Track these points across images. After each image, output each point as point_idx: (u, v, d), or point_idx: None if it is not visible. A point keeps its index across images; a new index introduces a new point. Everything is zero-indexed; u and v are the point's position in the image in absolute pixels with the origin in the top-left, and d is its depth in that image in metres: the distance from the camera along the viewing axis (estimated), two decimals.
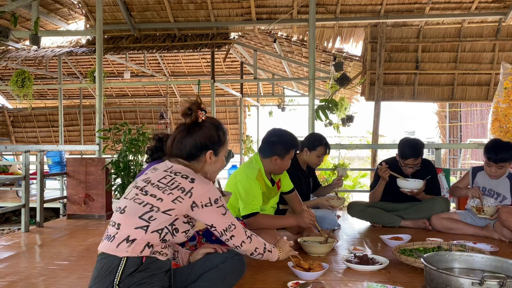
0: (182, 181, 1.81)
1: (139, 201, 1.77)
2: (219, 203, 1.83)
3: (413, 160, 3.78)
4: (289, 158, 2.98)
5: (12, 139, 15.26)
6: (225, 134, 1.97)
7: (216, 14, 7.18)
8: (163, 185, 1.79)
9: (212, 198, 1.81)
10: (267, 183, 3.00)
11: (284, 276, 2.43)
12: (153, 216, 1.74)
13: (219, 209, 1.83)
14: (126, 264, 1.66)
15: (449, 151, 11.00)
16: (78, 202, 4.77)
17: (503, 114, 5.66)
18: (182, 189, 1.78)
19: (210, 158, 1.91)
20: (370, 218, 4.00)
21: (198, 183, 1.81)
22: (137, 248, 1.69)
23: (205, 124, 1.91)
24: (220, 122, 1.99)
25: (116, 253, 1.68)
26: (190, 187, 1.79)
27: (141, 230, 1.71)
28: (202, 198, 1.79)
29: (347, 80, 6.12)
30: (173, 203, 1.76)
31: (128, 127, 4.55)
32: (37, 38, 5.71)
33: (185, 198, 1.77)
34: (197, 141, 1.88)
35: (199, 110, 1.90)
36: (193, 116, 1.90)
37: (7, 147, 6.73)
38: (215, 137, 1.92)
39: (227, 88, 11.69)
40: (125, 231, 1.71)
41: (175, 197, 1.77)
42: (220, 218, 1.84)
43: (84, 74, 12.17)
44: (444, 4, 6.80)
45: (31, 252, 3.47)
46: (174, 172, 1.84)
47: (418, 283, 2.31)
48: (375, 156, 7.32)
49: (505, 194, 3.51)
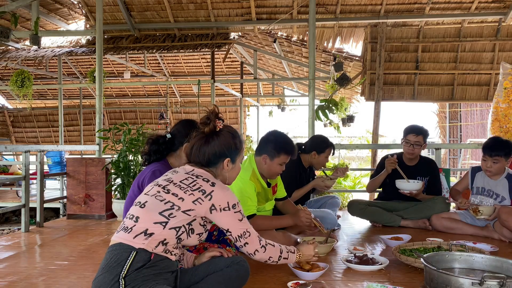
0: (203, 183, 1.88)
1: (161, 198, 1.83)
2: (237, 208, 1.90)
3: (413, 135, 3.86)
4: (278, 161, 2.90)
5: (12, 139, 15.27)
6: (241, 142, 2.07)
7: (216, 14, 7.19)
8: (185, 186, 1.86)
9: (231, 203, 1.88)
10: (263, 184, 2.97)
11: (284, 276, 2.43)
12: (173, 214, 1.80)
13: (236, 214, 1.89)
14: (134, 259, 1.69)
15: (449, 151, 11.00)
16: (78, 202, 4.77)
17: (503, 114, 5.66)
18: (203, 191, 1.85)
19: (228, 165, 2.01)
20: (370, 217, 4.01)
21: (218, 187, 1.88)
22: (153, 243, 1.73)
23: (222, 133, 2.00)
24: (236, 131, 2.08)
25: (132, 243, 1.72)
26: (211, 190, 1.86)
27: (160, 225, 1.76)
28: (221, 202, 1.86)
29: (347, 80, 6.12)
30: (194, 203, 1.83)
31: (128, 127, 4.56)
32: (37, 38, 5.71)
33: (205, 200, 1.84)
34: (216, 149, 1.97)
35: (217, 120, 1.99)
36: (211, 125, 1.98)
37: (7, 147, 6.73)
38: (232, 146, 2.00)
39: (227, 88, 11.69)
40: (144, 224, 1.77)
41: (196, 198, 1.83)
42: (236, 223, 1.89)
43: (84, 74, 12.17)
44: (444, 4, 6.80)
45: (31, 252, 3.47)
46: (196, 175, 1.91)
47: (418, 283, 2.31)
48: (375, 156, 7.33)
49: (504, 195, 3.51)
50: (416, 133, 3.86)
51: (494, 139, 3.59)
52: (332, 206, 3.93)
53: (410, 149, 3.89)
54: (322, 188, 3.72)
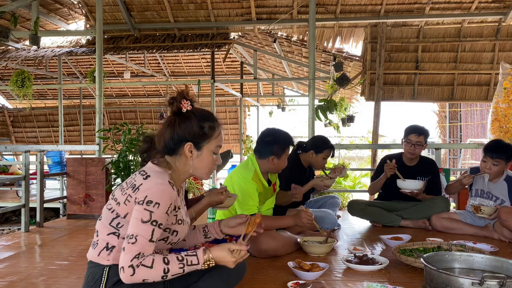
0: (138, 178, 1.65)
1: (109, 206, 1.69)
2: (150, 207, 1.56)
3: (415, 136, 3.85)
4: (285, 156, 2.99)
5: (12, 139, 15.27)
6: (212, 127, 1.74)
7: (216, 14, 7.19)
8: (125, 186, 1.68)
9: (148, 198, 1.57)
10: (264, 184, 3.00)
11: (284, 276, 2.43)
12: (120, 223, 1.65)
13: (144, 212, 1.55)
14: (109, 274, 1.63)
15: (449, 151, 11.00)
16: (78, 202, 4.77)
17: (502, 114, 5.66)
18: (133, 186, 1.63)
19: (191, 152, 1.71)
20: (370, 217, 4.01)
21: (150, 180, 1.61)
22: (118, 256, 1.60)
23: (188, 115, 1.72)
24: (208, 114, 1.77)
25: (98, 261, 1.66)
26: (140, 183, 1.61)
27: (114, 236, 1.65)
28: (141, 195, 1.58)
29: (347, 80, 6.12)
30: (125, 204, 1.63)
31: (128, 127, 4.55)
32: (37, 38, 5.70)
33: (133, 195, 1.61)
34: (176, 132, 1.70)
35: (183, 100, 1.71)
36: (175, 106, 1.72)
37: (7, 147, 6.73)
38: (196, 129, 1.70)
39: (227, 88, 11.69)
40: (102, 237, 1.67)
41: (127, 197, 1.63)
42: (136, 220, 1.56)
43: (84, 74, 12.17)
44: (444, 4, 6.80)
45: (31, 252, 3.47)
46: (140, 171, 1.69)
47: (418, 283, 2.31)
48: (375, 156, 7.33)
49: (503, 198, 3.51)
50: (418, 133, 3.86)
51: (497, 142, 3.60)
52: (332, 206, 3.93)
53: (411, 149, 3.89)
54: (321, 187, 3.71)
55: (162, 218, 1.58)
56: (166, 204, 1.59)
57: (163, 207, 1.58)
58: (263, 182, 2.98)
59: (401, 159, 3.98)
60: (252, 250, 2.82)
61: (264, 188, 2.99)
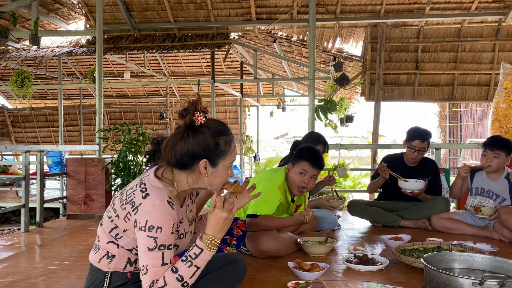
0: (137, 194, 1.56)
1: (109, 214, 1.64)
2: (153, 233, 1.49)
3: (419, 142, 3.81)
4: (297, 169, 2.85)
5: (12, 139, 15.27)
6: (227, 142, 1.64)
7: (216, 14, 7.19)
8: (124, 197, 1.60)
9: (149, 223, 1.49)
10: (288, 197, 2.98)
11: (284, 276, 2.43)
12: (119, 234, 1.61)
13: (149, 240, 1.49)
14: (111, 280, 1.63)
15: (449, 151, 11.00)
16: (78, 202, 4.77)
17: (503, 114, 5.66)
18: (132, 204, 1.55)
19: (206, 169, 1.60)
20: (370, 217, 4.00)
21: (148, 201, 1.53)
22: (120, 264, 1.62)
23: (202, 129, 1.60)
24: (222, 128, 1.65)
25: (99, 267, 1.65)
26: (139, 203, 1.54)
27: (114, 245, 1.62)
28: (142, 219, 1.51)
29: (347, 81, 6.12)
30: (124, 221, 1.58)
31: (128, 127, 4.55)
32: (37, 38, 5.70)
33: (132, 215, 1.55)
34: (189, 148, 1.58)
35: (196, 112, 1.59)
36: (187, 119, 1.60)
37: (7, 147, 6.73)
38: (212, 145, 1.59)
39: (227, 88, 11.69)
40: (103, 244, 1.65)
41: (126, 214, 1.57)
42: (144, 250, 1.50)
43: (84, 74, 12.17)
44: (444, 4, 6.80)
45: (31, 252, 3.47)
46: (141, 183, 1.60)
47: (418, 283, 2.31)
48: (375, 156, 7.33)
49: (504, 195, 3.50)
50: (422, 139, 3.80)
51: (495, 136, 3.68)
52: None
53: (414, 154, 3.85)
54: (326, 207, 3.65)
55: (168, 239, 1.52)
56: (169, 226, 1.52)
57: (166, 229, 1.51)
58: (287, 194, 2.97)
59: (401, 159, 3.97)
60: (252, 251, 2.82)
61: (286, 201, 2.98)
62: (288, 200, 2.99)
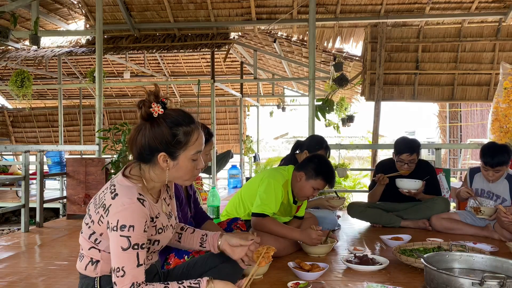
0: (107, 196, 1.54)
1: (86, 221, 1.61)
2: (125, 232, 1.45)
3: (407, 155, 3.77)
4: (312, 184, 2.83)
5: (12, 139, 15.26)
6: (188, 132, 1.58)
7: (216, 14, 7.18)
8: (98, 201, 1.58)
9: (120, 222, 1.46)
10: (290, 198, 2.97)
11: (284, 276, 2.43)
12: (98, 239, 1.58)
13: (121, 239, 1.45)
14: (101, 284, 1.61)
15: (449, 151, 11.00)
16: (78, 202, 4.77)
17: (503, 114, 5.65)
18: (104, 206, 1.53)
19: (166, 162, 1.57)
20: (370, 219, 4.00)
21: (117, 200, 1.50)
22: (105, 268, 1.59)
23: (158, 121, 1.55)
24: (182, 117, 1.60)
25: (87, 274, 1.63)
26: (109, 204, 1.51)
27: (95, 249, 1.60)
28: (113, 219, 1.48)
29: (345, 81, 6.12)
30: (98, 224, 1.54)
31: (128, 127, 4.55)
32: (37, 38, 5.71)
33: (105, 217, 1.51)
34: (146, 141, 1.55)
35: (153, 103, 1.54)
36: (143, 110, 1.55)
37: (7, 147, 6.73)
38: (168, 137, 1.54)
39: (227, 88, 11.68)
40: (85, 252, 1.62)
41: (99, 217, 1.54)
42: (117, 250, 1.46)
43: (84, 74, 12.16)
44: (444, 4, 6.80)
45: (31, 252, 3.47)
46: (111, 184, 1.58)
47: (418, 283, 2.31)
48: (375, 156, 7.32)
49: (505, 196, 3.50)
50: (411, 152, 3.77)
51: (492, 148, 3.45)
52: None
53: (404, 167, 3.82)
54: (326, 207, 3.65)
55: (141, 238, 1.49)
56: (141, 224, 1.49)
57: (139, 228, 1.48)
58: (289, 195, 2.96)
59: (394, 163, 3.95)
60: None
61: (288, 201, 2.96)
62: (290, 201, 2.98)
